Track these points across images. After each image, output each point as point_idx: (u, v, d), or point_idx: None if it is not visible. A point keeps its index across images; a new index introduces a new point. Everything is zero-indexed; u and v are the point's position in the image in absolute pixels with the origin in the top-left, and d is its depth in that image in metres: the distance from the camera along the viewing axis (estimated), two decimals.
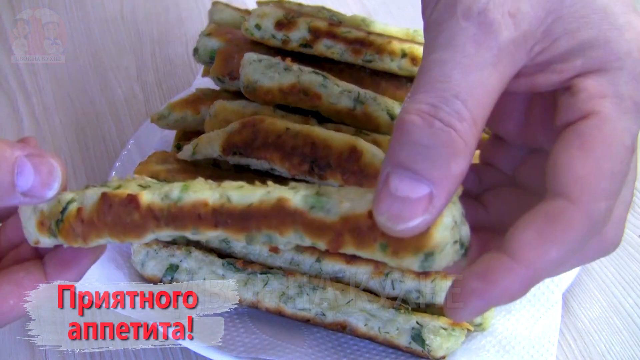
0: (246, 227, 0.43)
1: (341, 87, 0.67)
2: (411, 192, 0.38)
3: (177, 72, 1.02)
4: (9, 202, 0.45)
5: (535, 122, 0.46)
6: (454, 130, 0.38)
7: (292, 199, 0.41)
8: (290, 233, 0.41)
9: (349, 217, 0.40)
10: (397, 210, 0.38)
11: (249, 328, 0.66)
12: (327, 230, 0.41)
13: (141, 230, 0.44)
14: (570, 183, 0.39)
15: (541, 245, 0.38)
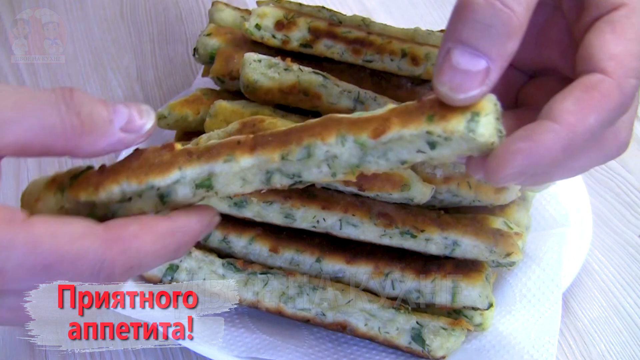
0: (286, 141, 0.44)
1: (341, 87, 0.68)
2: (472, 66, 0.42)
3: (177, 72, 1.02)
4: (109, 140, 0.44)
5: (552, 41, 0.50)
6: (512, 11, 0.42)
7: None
8: (332, 136, 0.43)
9: (395, 108, 0.43)
10: (459, 82, 0.42)
11: (249, 328, 0.66)
12: (373, 120, 0.43)
13: (167, 166, 0.44)
14: (605, 59, 0.43)
15: (581, 111, 0.42)
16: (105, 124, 0.44)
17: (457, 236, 0.63)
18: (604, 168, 0.87)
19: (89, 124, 0.43)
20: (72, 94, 0.44)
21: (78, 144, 0.44)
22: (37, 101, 0.43)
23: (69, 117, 0.43)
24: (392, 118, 0.43)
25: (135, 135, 0.45)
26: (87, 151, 0.45)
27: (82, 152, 0.44)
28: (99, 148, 0.44)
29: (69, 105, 0.43)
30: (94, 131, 0.43)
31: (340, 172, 0.44)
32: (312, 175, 0.45)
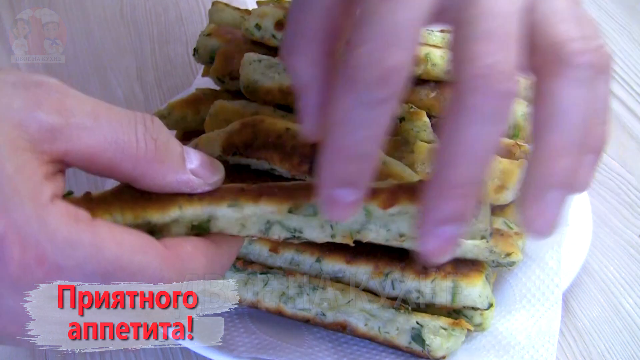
0: (293, 196, 0.44)
1: None
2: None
3: (177, 72, 1.02)
4: (179, 177, 0.43)
5: None
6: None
7: None
8: None
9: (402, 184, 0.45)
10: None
11: (249, 328, 0.66)
12: (382, 191, 0.44)
13: (166, 203, 0.44)
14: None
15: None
16: (179, 159, 0.43)
17: None
18: (604, 168, 0.87)
19: (163, 153, 0.42)
20: (153, 119, 0.43)
21: (147, 170, 0.42)
22: (115, 115, 0.41)
23: (144, 139, 0.41)
24: (400, 192, 0.44)
25: (203, 182, 0.45)
26: (154, 181, 0.43)
27: (148, 180, 0.43)
28: (167, 181, 0.43)
29: (148, 128, 0.42)
30: (166, 162, 0.42)
31: (340, 234, 0.45)
32: (313, 233, 0.46)
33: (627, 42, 1.05)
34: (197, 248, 0.44)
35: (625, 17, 1.09)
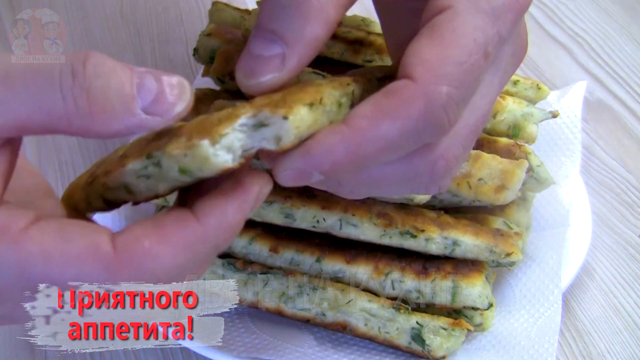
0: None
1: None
2: (264, 50, 0.39)
3: (177, 72, 1.02)
4: (126, 122, 0.37)
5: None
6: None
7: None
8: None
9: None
10: (251, 67, 0.40)
11: (249, 328, 0.66)
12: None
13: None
14: (414, 65, 0.38)
15: (373, 115, 0.38)
16: (123, 103, 0.36)
17: (457, 236, 0.63)
18: (604, 168, 0.87)
19: (99, 103, 0.36)
20: (86, 62, 0.36)
21: (86, 125, 0.36)
22: (34, 75, 0.36)
23: (72, 94, 0.36)
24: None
25: (160, 119, 0.37)
26: (98, 133, 0.37)
27: (92, 134, 0.37)
28: (113, 131, 0.37)
29: (77, 76, 0.36)
30: (106, 111, 0.36)
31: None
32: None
33: (627, 42, 1.05)
34: (164, 238, 0.37)
35: (625, 17, 1.09)
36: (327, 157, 0.38)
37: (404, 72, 0.39)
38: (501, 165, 0.64)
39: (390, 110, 0.38)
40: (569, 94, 0.82)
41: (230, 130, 0.38)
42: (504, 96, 0.70)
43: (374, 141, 0.38)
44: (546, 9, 1.11)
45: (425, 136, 0.39)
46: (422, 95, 0.38)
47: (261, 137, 0.38)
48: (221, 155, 0.37)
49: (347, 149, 0.38)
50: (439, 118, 0.38)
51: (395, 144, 0.39)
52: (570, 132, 0.79)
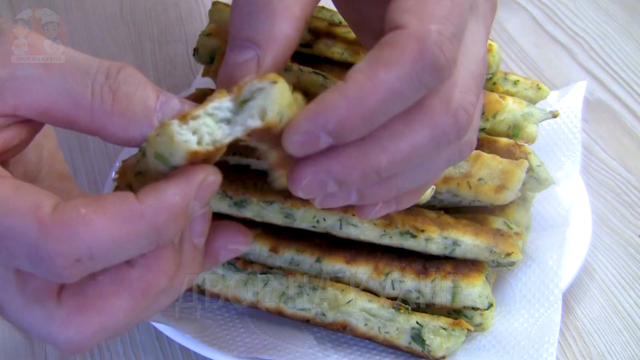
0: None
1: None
2: (239, 58, 0.41)
3: (177, 72, 1.02)
4: (143, 129, 0.39)
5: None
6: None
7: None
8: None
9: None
10: (228, 74, 0.40)
11: (249, 328, 0.66)
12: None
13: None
14: (399, 15, 0.39)
15: (370, 67, 0.38)
16: (144, 111, 0.39)
17: (457, 236, 0.63)
18: (604, 168, 0.87)
19: (122, 105, 0.38)
20: (121, 70, 0.39)
21: (106, 123, 0.38)
22: (73, 65, 0.39)
23: (101, 92, 0.38)
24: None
25: None
26: (114, 134, 0.39)
27: (109, 134, 0.39)
28: (129, 135, 0.39)
29: (110, 78, 0.38)
30: (127, 115, 0.38)
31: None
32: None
33: (627, 42, 1.05)
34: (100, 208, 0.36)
35: (625, 17, 1.09)
36: (332, 114, 0.38)
37: (391, 25, 0.39)
38: (501, 165, 0.64)
39: (383, 58, 0.38)
40: (569, 94, 0.82)
41: (201, 113, 0.38)
42: (504, 96, 0.70)
43: (374, 92, 0.38)
44: (546, 9, 1.11)
45: (426, 78, 0.38)
46: (413, 37, 0.38)
47: (246, 116, 0.39)
48: (185, 134, 0.38)
49: (349, 103, 0.38)
50: (434, 55, 0.38)
51: (396, 91, 0.38)
52: (570, 132, 0.79)
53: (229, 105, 0.39)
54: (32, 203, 0.36)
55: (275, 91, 0.38)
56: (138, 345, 0.69)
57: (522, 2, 1.12)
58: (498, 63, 0.71)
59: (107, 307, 0.39)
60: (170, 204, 0.37)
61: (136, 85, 0.39)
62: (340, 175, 0.40)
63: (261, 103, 0.38)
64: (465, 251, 0.63)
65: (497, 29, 1.07)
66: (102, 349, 0.69)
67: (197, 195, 0.38)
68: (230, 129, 0.39)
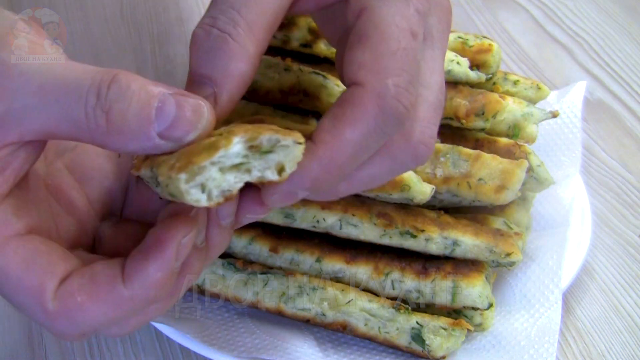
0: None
1: (341, 87, 0.67)
2: (197, 94, 0.41)
3: (177, 72, 1.02)
4: (142, 145, 0.39)
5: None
6: (229, 35, 0.42)
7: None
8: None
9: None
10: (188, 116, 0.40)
11: (249, 328, 0.66)
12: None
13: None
14: (356, 71, 0.42)
15: (334, 127, 0.41)
16: (140, 126, 0.39)
17: (457, 236, 0.63)
18: (604, 168, 0.87)
19: (117, 124, 0.39)
20: (111, 84, 0.39)
21: (106, 142, 0.40)
22: (65, 89, 0.39)
23: (94, 113, 0.38)
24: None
25: (173, 144, 0.40)
26: (116, 150, 0.41)
27: (111, 149, 0.41)
28: (129, 149, 0.40)
29: (100, 98, 0.38)
30: (123, 132, 0.39)
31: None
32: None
33: (627, 42, 1.05)
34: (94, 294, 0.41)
35: (625, 17, 1.09)
36: (306, 176, 0.41)
37: (349, 80, 0.42)
38: (501, 165, 0.64)
39: (347, 117, 0.41)
40: (569, 94, 0.82)
41: (207, 165, 0.38)
42: (504, 96, 0.70)
43: (341, 150, 0.41)
44: (546, 9, 1.11)
45: (388, 128, 0.42)
46: (371, 94, 0.41)
47: (264, 167, 0.40)
48: (194, 194, 0.39)
49: (320, 164, 0.41)
50: (394, 108, 0.41)
51: (362, 146, 0.42)
52: (570, 132, 0.79)
53: (238, 150, 0.39)
54: (37, 285, 0.40)
55: (298, 152, 0.40)
56: (138, 345, 0.69)
57: (522, 2, 1.12)
58: (498, 63, 0.71)
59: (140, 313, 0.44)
60: (154, 282, 0.41)
61: (129, 99, 0.39)
62: (308, 189, 0.43)
63: (282, 160, 0.40)
64: (465, 251, 0.63)
65: (497, 29, 1.07)
66: (102, 349, 0.69)
67: (178, 257, 0.42)
68: (242, 176, 0.40)
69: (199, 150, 0.39)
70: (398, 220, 0.63)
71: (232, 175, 0.40)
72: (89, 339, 0.70)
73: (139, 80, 0.39)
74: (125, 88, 0.39)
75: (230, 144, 0.39)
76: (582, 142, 0.79)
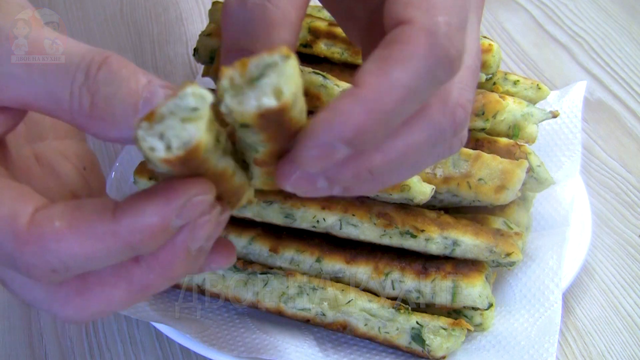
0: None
1: (341, 87, 0.67)
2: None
3: (177, 72, 1.02)
4: (123, 134, 0.36)
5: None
6: (268, 2, 0.38)
7: None
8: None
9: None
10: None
11: (249, 328, 0.66)
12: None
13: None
14: (402, 9, 0.37)
15: (381, 68, 0.36)
16: (124, 115, 0.36)
17: (457, 236, 0.63)
18: (604, 168, 0.87)
19: (101, 109, 0.36)
20: (101, 67, 0.36)
21: (86, 125, 0.37)
22: (53, 65, 0.37)
23: (79, 94, 0.36)
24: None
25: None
26: (96, 135, 0.38)
27: (90, 133, 0.38)
28: (110, 137, 0.37)
29: (89, 78, 0.36)
30: (105, 119, 0.36)
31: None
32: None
33: (627, 42, 1.05)
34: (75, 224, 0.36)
35: (625, 17, 1.09)
36: (349, 121, 0.36)
37: (394, 20, 0.37)
38: (501, 165, 0.64)
39: (395, 56, 0.36)
40: (569, 94, 0.82)
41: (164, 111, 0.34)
42: (503, 96, 0.70)
43: (390, 92, 0.36)
44: (546, 9, 1.11)
45: (439, 72, 0.37)
46: (422, 32, 0.36)
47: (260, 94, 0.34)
48: (149, 141, 0.34)
49: (366, 108, 0.36)
50: (446, 48, 0.37)
51: (412, 89, 0.36)
52: (570, 132, 0.79)
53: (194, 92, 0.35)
54: (10, 211, 0.36)
55: (289, 67, 0.34)
56: (138, 345, 0.69)
57: (522, 2, 1.12)
58: (498, 63, 0.71)
59: (104, 296, 0.39)
60: (146, 225, 0.36)
61: (118, 84, 0.36)
62: (332, 173, 0.38)
63: (275, 81, 0.34)
64: (465, 251, 0.63)
65: (497, 29, 1.07)
66: (102, 349, 0.69)
67: (181, 214, 0.37)
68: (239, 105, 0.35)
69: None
70: (398, 220, 0.63)
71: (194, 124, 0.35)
72: (89, 339, 0.70)
73: (130, 67, 0.37)
74: (115, 72, 0.37)
75: (188, 86, 0.35)
76: (582, 142, 0.79)
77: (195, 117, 0.35)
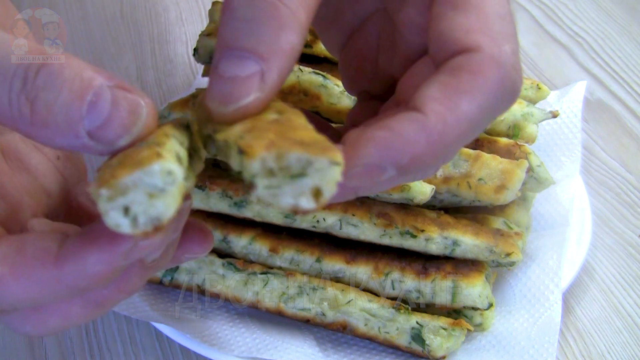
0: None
1: (341, 87, 0.68)
2: (238, 71, 0.35)
3: (177, 72, 1.02)
4: (69, 142, 0.34)
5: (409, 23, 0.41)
6: (279, 0, 0.35)
7: None
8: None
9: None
10: (227, 91, 0.34)
11: (249, 328, 0.66)
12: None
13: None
14: (464, 36, 0.35)
15: (450, 97, 0.34)
16: (67, 121, 0.33)
17: (457, 236, 0.63)
18: (604, 168, 0.87)
19: (42, 116, 0.34)
20: (40, 69, 0.34)
21: (29, 133, 0.35)
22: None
23: (18, 101, 0.34)
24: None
25: (104, 147, 0.34)
26: (43, 143, 0.35)
27: (37, 141, 0.35)
28: (57, 145, 0.35)
29: (26, 84, 0.34)
30: (48, 126, 0.34)
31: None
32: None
33: (627, 42, 1.05)
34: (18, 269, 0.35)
35: (625, 17, 1.09)
36: (409, 149, 0.34)
37: (457, 46, 0.35)
38: (501, 165, 0.64)
39: (464, 87, 0.34)
40: (569, 94, 0.82)
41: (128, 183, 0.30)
42: None
43: (457, 126, 0.34)
44: (546, 9, 1.11)
45: (503, 104, 0.36)
46: (493, 62, 0.35)
47: (296, 193, 0.32)
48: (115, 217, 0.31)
49: (430, 140, 0.34)
50: (513, 79, 0.35)
51: (476, 122, 0.35)
52: (570, 132, 0.79)
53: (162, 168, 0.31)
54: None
55: (335, 173, 0.31)
56: (138, 345, 0.69)
57: (522, 2, 1.12)
58: None
59: (60, 312, 0.39)
60: (90, 273, 0.35)
61: (58, 88, 0.33)
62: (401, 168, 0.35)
63: (318, 183, 0.31)
64: (465, 251, 0.63)
65: None
66: (102, 349, 0.69)
67: (129, 257, 0.35)
68: (273, 198, 0.32)
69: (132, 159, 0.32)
70: (398, 220, 0.63)
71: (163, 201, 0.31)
72: (89, 339, 0.70)
73: (74, 66, 0.34)
74: (55, 75, 0.34)
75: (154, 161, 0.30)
76: (582, 142, 0.79)
77: (164, 194, 0.31)
